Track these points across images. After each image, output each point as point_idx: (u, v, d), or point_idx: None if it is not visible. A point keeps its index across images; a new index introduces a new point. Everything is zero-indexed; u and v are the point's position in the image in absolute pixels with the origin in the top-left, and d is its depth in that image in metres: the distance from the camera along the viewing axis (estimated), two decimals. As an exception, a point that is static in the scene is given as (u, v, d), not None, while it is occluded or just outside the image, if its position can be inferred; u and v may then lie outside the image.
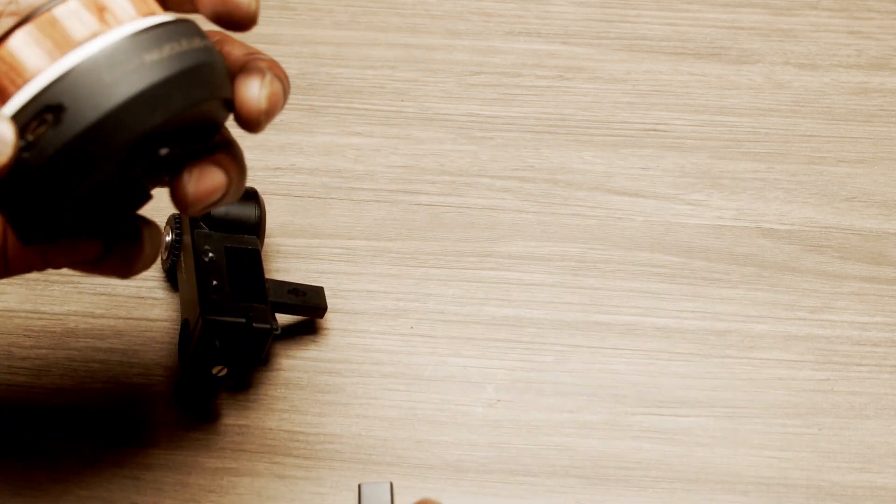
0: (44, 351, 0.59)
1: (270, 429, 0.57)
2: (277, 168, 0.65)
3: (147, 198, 0.47)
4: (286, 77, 0.47)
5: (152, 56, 0.42)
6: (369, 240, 0.63)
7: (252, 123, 0.45)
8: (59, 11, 0.42)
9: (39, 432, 0.56)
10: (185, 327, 0.57)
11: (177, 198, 0.45)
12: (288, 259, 0.62)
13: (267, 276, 0.61)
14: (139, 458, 0.56)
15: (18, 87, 0.41)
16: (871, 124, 0.68)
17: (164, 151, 0.44)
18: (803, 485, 0.56)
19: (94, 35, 0.42)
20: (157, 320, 0.60)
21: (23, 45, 0.41)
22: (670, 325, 0.61)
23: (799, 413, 0.58)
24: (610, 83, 0.69)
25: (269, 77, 0.45)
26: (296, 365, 0.59)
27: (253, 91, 0.45)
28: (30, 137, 0.41)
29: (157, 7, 0.45)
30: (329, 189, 0.65)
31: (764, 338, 0.60)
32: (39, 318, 0.60)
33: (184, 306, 0.58)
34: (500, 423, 0.57)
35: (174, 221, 0.59)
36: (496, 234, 0.63)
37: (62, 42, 0.42)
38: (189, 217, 0.46)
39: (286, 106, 0.67)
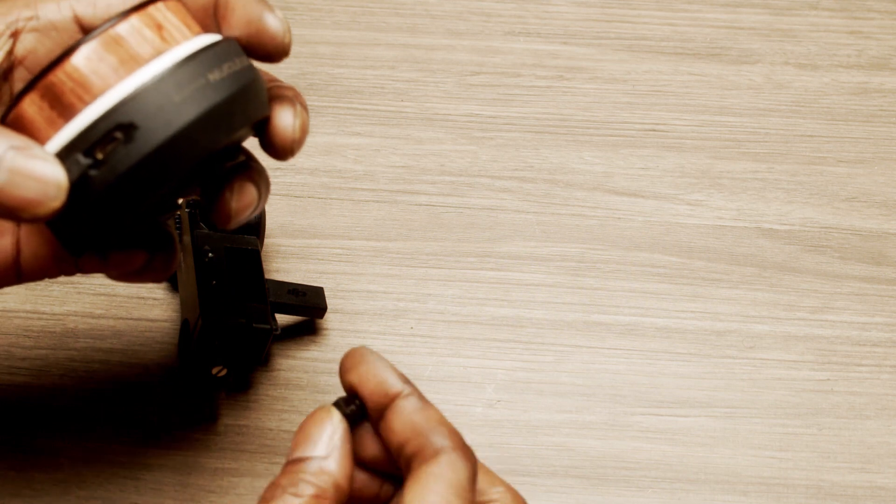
0: (44, 351, 0.59)
1: (270, 429, 0.57)
2: (277, 168, 0.65)
3: (177, 207, 0.48)
4: (307, 106, 0.48)
5: (215, 75, 0.42)
6: (369, 240, 0.63)
7: (285, 151, 0.46)
8: (122, 29, 0.42)
9: (39, 432, 0.56)
10: (185, 327, 0.57)
11: (220, 213, 0.46)
12: (288, 259, 0.62)
13: (267, 276, 0.61)
14: (139, 459, 0.56)
15: (86, 104, 0.42)
16: (871, 124, 0.68)
17: (216, 167, 0.45)
18: (803, 485, 0.56)
19: (158, 53, 0.42)
20: (157, 320, 0.60)
21: (88, 61, 0.42)
22: (670, 325, 0.61)
23: (799, 413, 0.58)
24: (610, 83, 0.69)
25: (298, 107, 0.46)
26: (296, 365, 0.59)
27: (287, 120, 0.45)
28: (99, 155, 0.41)
29: (197, 25, 0.45)
30: (329, 189, 0.65)
31: (764, 338, 0.60)
32: (39, 318, 0.60)
33: (184, 306, 0.58)
34: (500, 423, 0.57)
35: (174, 222, 0.59)
36: (496, 234, 0.63)
37: (127, 59, 0.42)
38: (220, 228, 0.47)
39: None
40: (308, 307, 0.58)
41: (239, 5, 0.45)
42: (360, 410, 0.44)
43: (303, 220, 0.64)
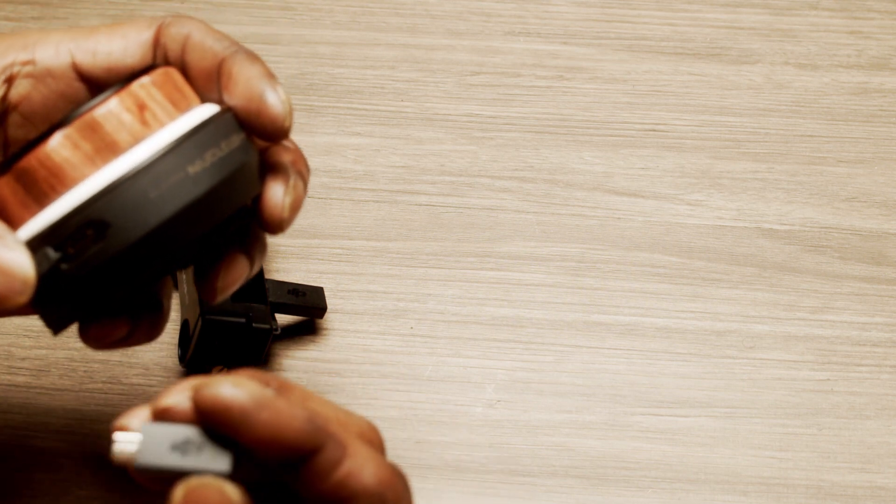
0: (44, 351, 0.59)
1: (270, 429, 0.57)
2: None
3: (170, 273, 0.46)
4: (308, 168, 0.46)
5: (195, 167, 0.41)
6: (369, 240, 0.63)
7: (273, 229, 0.44)
8: (99, 114, 0.41)
9: (39, 432, 0.56)
10: (185, 327, 0.57)
11: (206, 290, 0.45)
12: (288, 259, 0.62)
13: (267, 276, 0.61)
14: (139, 458, 0.56)
15: (59, 195, 0.40)
16: (871, 124, 0.68)
17: (207, 244, 0.44)
18: (803, 485, 0.56)
19: (136, 140, 0.41)
20: (157, 320, 0.60)
21: (62, 149, 0.40)
22: (670, 325, 0.61)
23: (799, 413, 0.58)
24: (610, 83, 0.69)
25: (292, 181, 0.44)
26: (296, 365, 0.59)
27: (277, 198, 0.43)
28: (70, 250, 0.40)
29: (193, 96, 0.43)
30: (329, 189, 0.65)
31: (764, 338, 0.60)
32: (39, 318, 0.60)
33: (184, 306, 0.58)
34: (500, 424, 0.57)
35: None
36: (496, 234, 0.63)
37: (103, 147, 0.41)
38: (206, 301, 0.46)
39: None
40: (308, 307, 0.58)
41: (242, 78, 0.43)
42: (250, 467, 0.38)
43: (303, 220, 0.64)
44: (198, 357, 0.55)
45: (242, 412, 0.36)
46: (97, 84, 0.45)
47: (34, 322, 0.60)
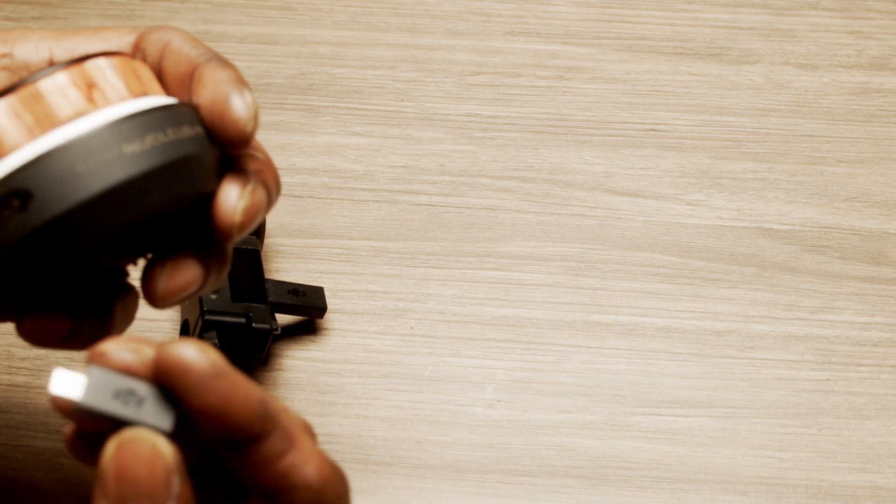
0: (44, 351, 0.59)
1: (270, 429, 0.57)
2: (277, 168, 0.65)
3: (123, 274, 0.44)
4: (276, 181, 0.44)
5: (132, 147, 0.39)
6: (369, 240, 0.63)
7: (223, 232, 0.42)
8: (44, 85, 0.39)
9: (39, 432, 0.56)
10: (185, 327, 0.57)
11: (145, 291, 0.42)
12: (288, 259, 0.62)
13: (267, 276, 0.61)
14: (139, 458, 0.56)
15: None
16: (871, 124, 0.68)
17: (136, 245, 0.42)
18: (803, 485, 0.56)
19: (78, 115, 0.39)
20: (156, 320, 0.60)
21: (2, 117, 0.39)
22: (670, 325, 0.61)
23: (799, 413, 0.58)
24: (610, 83, 0.69)
25: (251, 185, 0.42)
26: (296, 365, 0.59)
27: (230, 200, 0.41)
28: None
29: (154, 87, 0.42)
30: (329, 189, 0.65)
31: (764, 338, 0.60)
32: None
33: (184, 306, 0.58)
34: (500, 424, 0.57)
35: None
36: (496, 234, 0.63)
37: (43, 119, 0.39)
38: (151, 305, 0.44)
39: (286, 106, 0.67)
40: (308, 307, 0.58)
41: (210, 81, 0.42)
42: (181, 421, 0.36)
43: (303, 220, 0.64)
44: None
45: (201, 376, 0.35)
46: None
47: (34, 322, 0.60)
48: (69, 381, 0.36)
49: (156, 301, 0.42)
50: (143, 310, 0.60)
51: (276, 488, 0.37)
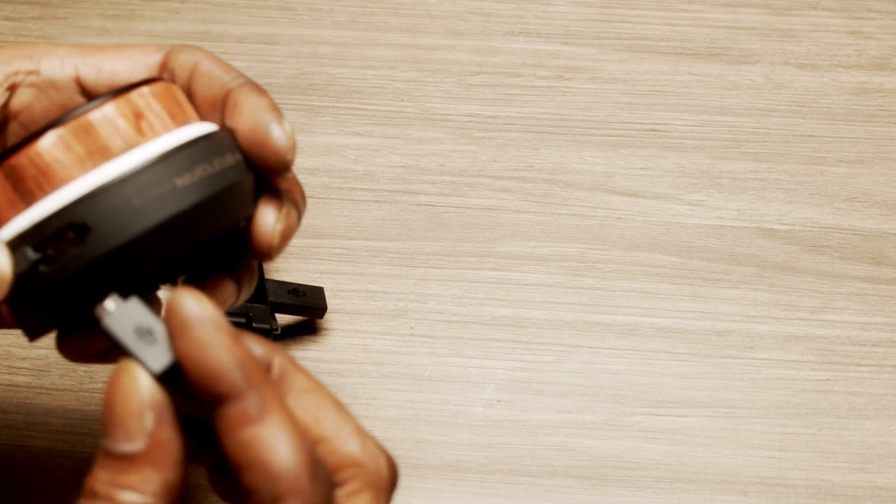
0: (44, 351, 0.59)
1: (270, 429, 0.57)
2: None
3: (157, 289, 0.46)
4: (303, 197, 0.45)
5: (183, 180, 0.40)
6: (369, 240, 0.63)
7: (262, 255, 0.43)
8: (95, 117, 0.40)
9: (39, 432, 0.56)
10: (185, 327, 0.57)
11: None
12: (288, 259, 0.62)
13: (267, 276, 0.61)
14: (139, 458, 0.56)
15: (45, 194, 0.40)
16: (871, 124, 0.68)
17: (175, 268, 0.43)
18: (803, 485, 0.56)
19: (129, 146, 0.41)
20: (157, 320, 0.60)
21: (53, 149, 0.40)
22: (670, 325, 0.61)
23: (799, 413, 0.58)
24: (610, 83, 0.69)
25: (286, 209, 0.43)
26: (296, 365, 0.59)
27: (268, 223, 0.43)
28: (50, 252, 0.39)
29: (192, 113, 0.43)
30: (329, 189, 0.65)
31: (764, 338, 0.60)
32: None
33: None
34: (500, 423, 0.57)
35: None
36: (496, 234, 0.63)
37: (95, 151, 0.40)
38: None
39: (286, 106, 0.67)
40: (308, 307, 0.58)
41: (247, 108, 0.43)
42: (172, 368, 0.38)
43: (303, 220, 0.64)
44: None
45: (183, 320, 0.36)
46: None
47: (34, 322, 0.60)
48: (115, 304, 0.39)
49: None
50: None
51: (236, 462, 0.36)
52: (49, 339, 0.59)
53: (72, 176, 0.40)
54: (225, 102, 0.43)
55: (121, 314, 0.38)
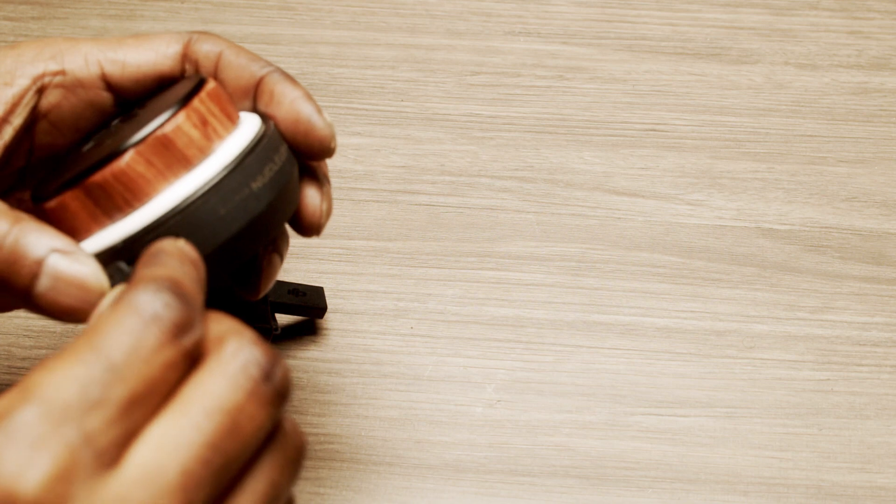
0: (44, 351, 0.59)
1: (270, 429, 0.57)
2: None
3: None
4: (328, 173, 0.48)
5: (257, 182, 0.43)
6: (369, 240, 0.63)
7: (312, 233, 0.46)
8: (171, 132, 0.42)
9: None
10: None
11: (249, 292, 0.47)
12: (288, 259, 0.62)
13: (267, 276, 0.61)
14: (139, 458, 0.56)
15: (133, 209, 0.42)
16: (871, 124, 0.68)
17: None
18: (803, 485, 0.56)
19: (203, 154, 0.43)
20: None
21: (136, 165, 0.42)
22: (670, 325, 0.61)
23: (799, 413, 0.58)
24: (610, 83, 0.69)
25: (326, 187, 0.46)
26: (296, 365, 0.59)
27: (316, 204, 0.46)
28: None
29: (235, 107, 0.45)
30: (329, 189, 0.65)
31: (764, 338, 0.60)
32: (39, 318, 0.60)
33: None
34: (500, 423, 0.57)
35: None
36: (496, 234, 0.63)
37: (174, 163, 0.42)
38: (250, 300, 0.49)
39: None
40: (308, 307, 0.58)
41: (285, 100, 0.45)
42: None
43: (303, 220, 0.64)
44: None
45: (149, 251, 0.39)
46: (124, 93, 0.46)
47: (34, 322, 0.60)
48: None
49: (259, 296, 0.48)
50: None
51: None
52: (49, 339, 0.59)
53: (156, 190, 0.42)
54: (258, 91, 0.45)
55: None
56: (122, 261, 0.41)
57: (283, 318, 0.60)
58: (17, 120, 0.45)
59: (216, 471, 0.34)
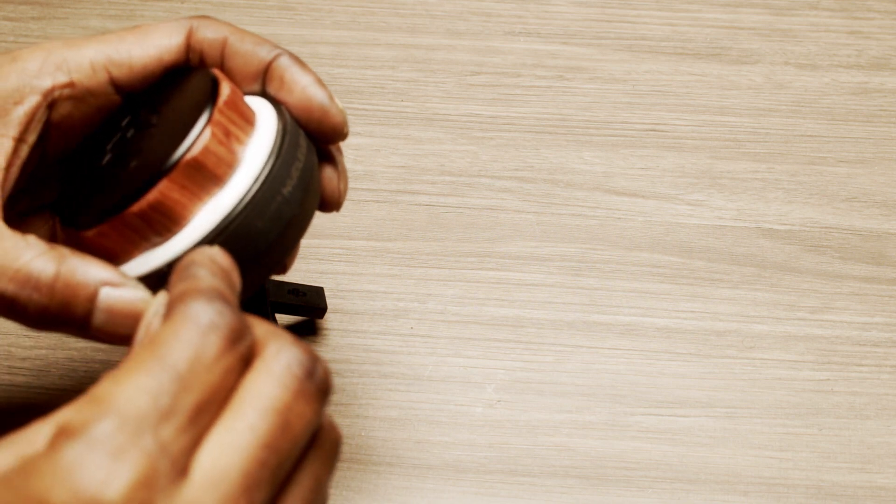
0: (44, 351, 0.59)
1: (270, 429, 0.57)
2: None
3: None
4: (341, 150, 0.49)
5: (287, 187, 0.43)
6: (369, 240, 0.63)
7: (333, 209, 0.47)
8: (199, 154, 0.42)
9: (39, 432, 0.56)
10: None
11: (281, 270, 0.49)
12: (288, 259, 0.62)
13: (267, 276, 0.61)
14: (139, 459, 0.56)
15: (172, 234, 0.42)
16: (871, 124, 0.68)
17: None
18: (803, 485, 0.56)
19: (232, 168, 0.43)
20: (157, 320, 0.60)
21: (171, 192, 0.42)
22: (670, 325, 0.61)
23: (799, 413, 0.58)
24: (610, 83, 0.69)
25: (339, 159, 0.47)
26: (296, 365, 0.59)
27: (335, 184, 0.47)
28: None
29: (248, 107, 0.45)
30: (329, 189, 0.65)
31: (764, 338, 0.60)
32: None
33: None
34: (500, 423, 0.57)
35: None
36: (496, 234, 0.63)
37: (206, 183, 0.42)
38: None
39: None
40: (308, 307, 0.58)
41: (297, 87, 0.45)
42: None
43: (303, 220, 0.64)
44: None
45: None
46: (129, 89, 0.47)
47: (34, 322, 0.60)
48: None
49: (285, 271, 0.49)
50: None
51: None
52: (49, 339, 0.59)
53: (192, 212, 0.42)
54: (267, 76, 0.46)
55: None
56: (159, 282, 0.42)
57: (283, 318, 0.60)
58: (32, 137, 0.45)
59: (273, 470, 0.35)
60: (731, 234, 0.64)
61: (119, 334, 0.42)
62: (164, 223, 0.42)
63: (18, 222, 0.47)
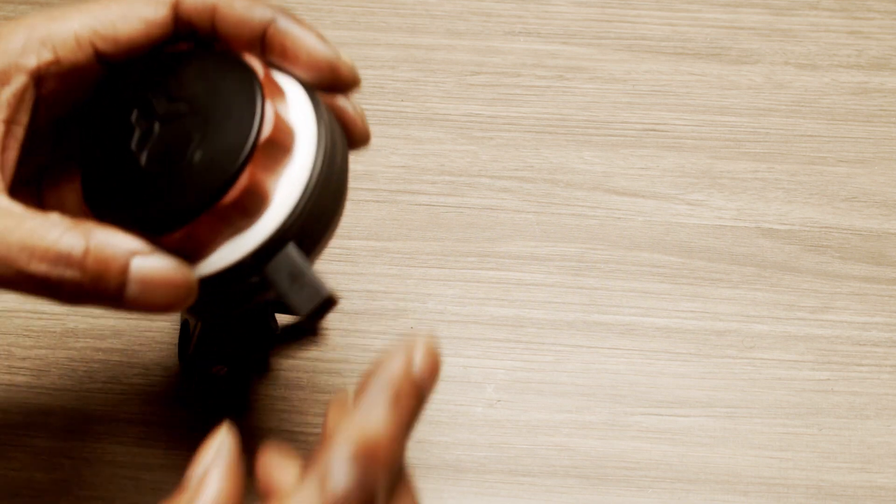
0: (44, 351, 0.59)
1: (270, 429, 0.57)
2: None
3: None
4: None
5: (339, 156, 0.44)
6: (369, 240, 0.63)
7: (365, 142, 0.47)
8: (274, 131, 0.42)
9: (39, 432, 0.56)
10: (185, 327, 0.57)
11: None
12: (288, 259, 0.62)
13: (267, 276, 0.61)
14: (139, 459, 0.56)
15: (262, 214, 0.43)
16: (871, 124, 0.68)
17: None
18: (803, 485, 0.56)
19: (293, 137, 0.43)
20: (157, 320, 0.60)
21: (258, 173, 0.42)
22: (670, 325, 0.61)
23: (799, 413, 0.58)
24: (610, 83, 0.69)
25: (351, 97, 0.47)
26: (296, 365, 0.59)
27: (355, 113, 0.46)
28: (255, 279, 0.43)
29: (272, 76, 0.45)
30: (329, 189, 0.65)
31: (764, 338, 0.60)
32: (39, 318, 0.60)
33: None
34: (500, 423, 0.57)
35: None
36: (496, 234, 0.63)
37: (281, 156, 0.43)
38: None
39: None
40: (308, 307, 0.58)
41: (303, 50, 0.45)
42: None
43: (303, 220, 0.64)
44: (197, 357, 0.55)
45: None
46: (117, 62, 0.46)
47: (34, 322, 0.60)
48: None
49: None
50: (143, 310, 0.60)
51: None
52: (49, 339, 0.59)
53: (274, 188, 0.43)
54: (267, 45, 0.45)
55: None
56: (252, 274, 0.42)
57: (283, 318, 0.60)
58: (25, 117, 0.44)
59: None
60: (731, 233, 0.64)
61: (156, 305, 0.41)
62: (255, 205, 0.42)
63: (48, 193, 0.47)
